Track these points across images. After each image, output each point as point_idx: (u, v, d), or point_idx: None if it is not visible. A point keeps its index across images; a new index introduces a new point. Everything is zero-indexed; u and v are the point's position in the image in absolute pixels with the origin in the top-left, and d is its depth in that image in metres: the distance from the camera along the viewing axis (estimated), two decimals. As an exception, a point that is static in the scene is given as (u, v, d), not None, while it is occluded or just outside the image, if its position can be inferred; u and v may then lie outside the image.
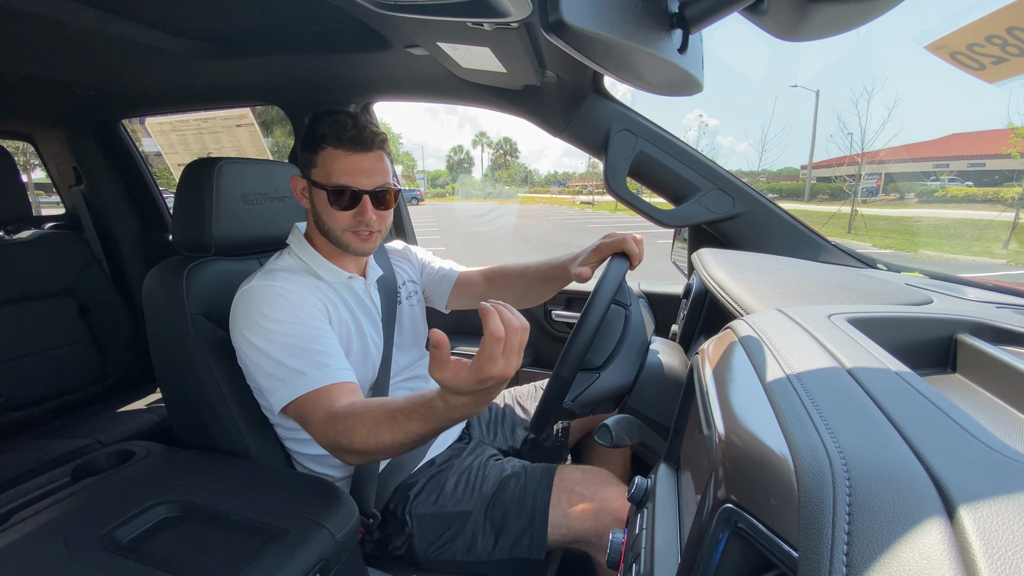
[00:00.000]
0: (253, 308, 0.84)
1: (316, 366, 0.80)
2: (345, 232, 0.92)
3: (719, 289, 0.82)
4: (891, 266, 1.07)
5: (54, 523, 0.73)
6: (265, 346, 0.81)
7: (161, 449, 0.95)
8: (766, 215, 1.15)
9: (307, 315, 0.85)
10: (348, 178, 0.89)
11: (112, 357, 1.85)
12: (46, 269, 1.71)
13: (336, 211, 0.91)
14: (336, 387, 0.79)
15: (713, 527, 0.34)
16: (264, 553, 0.66)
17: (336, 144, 0.88)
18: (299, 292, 0.87)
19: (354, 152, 0.89)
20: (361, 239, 0.93)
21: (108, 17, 1.02)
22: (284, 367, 0.80)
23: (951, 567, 0.21)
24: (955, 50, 0.57)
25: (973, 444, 0.29)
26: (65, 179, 2.10)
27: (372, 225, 0.92)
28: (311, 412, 0.78)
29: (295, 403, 0.79)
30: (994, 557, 0.21)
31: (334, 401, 0.77)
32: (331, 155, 0.89)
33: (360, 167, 0.89)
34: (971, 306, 0.70)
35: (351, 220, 0.91)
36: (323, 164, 0.90)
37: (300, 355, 0.80)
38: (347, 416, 0.73)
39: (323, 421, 0.76)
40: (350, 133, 0.88)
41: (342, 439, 0.72)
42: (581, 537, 0.84)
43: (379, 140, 0.91)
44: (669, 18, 0.48)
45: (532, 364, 1.63)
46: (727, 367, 0.49)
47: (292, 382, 0.79)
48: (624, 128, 1.16)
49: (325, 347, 0.83)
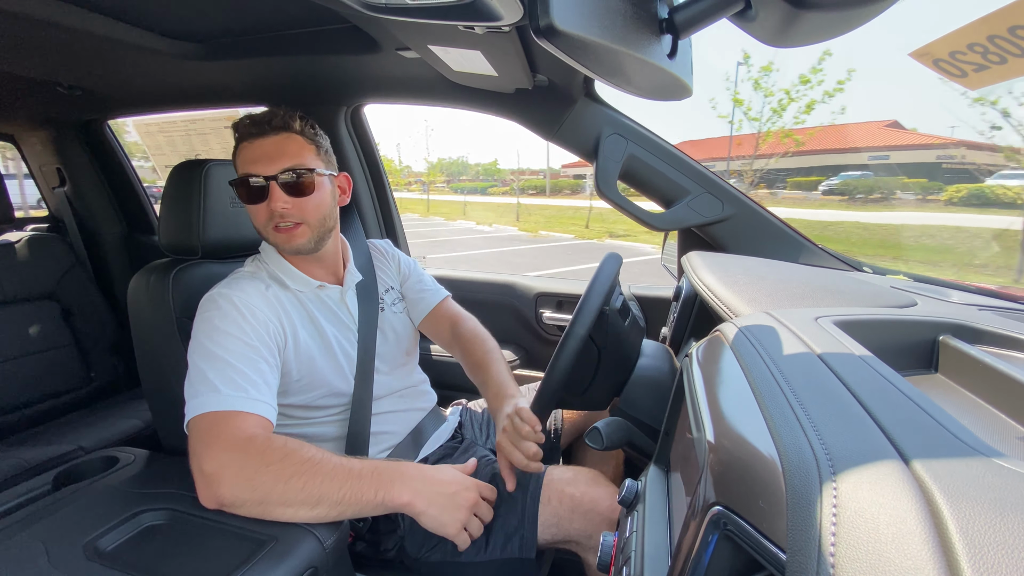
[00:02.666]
0: (205, 314, 0.82)
1: (235, 387, 0.75)
2: (267, 229, 0.88)
3: (708, 292, 0.82)
4: (876, 269, 1.09)
5: (35, 532, 0.71)
6: (199, 354, 0.78)
7: (146, 455, 0.93)
8: (755, 218, 1.16)
9: (251, 334, 0.81)
10: (250, 166, 0.85)
11: (96, 361, 1.82)
12: (29, 272, 1.68)
13: (250, 206, 0.87)
14: (248, 416, 0.74)
15: (703, 529, 0.34)
16: (251, 561, 0.65)
17: (239, 139, 0.88)
18: (254, 305, 0.83)
19: (254, 138, 0.86)
20: (284, 234, 0.87)
21: (94, 16, 1.01)
22: (204, 378, 0.75)
23: (935, 566, 0.21)
24: (938, 57, 0.58)
25: (956, 445, 0.30)
26: (49, 181, 2.06)
27: (289, 216, 0.85)
28: (216, 431, 0.72)
29: (200, 419, 0.73)
30: (976, 556, 0.21)
31: (244, 429, 0.73)
32: (239, 151, 0.88)
33: (261, 152, 0.85)
34: (954, 308, 0.71)
35: (267, 211, 0.86)
36: (236, 163, 0.88)
37: (224, 371, 0.76)
38: (269, 449, 0.71)
39: (230, 444, 0.71)
40: (247, 122, 0.86)
41: (244, 476, 0.69)
42: (571, 537, 0.84)
43: (279, 121, 0.86)
44: (659, 23, 0.49)
45: (523, 366, 1.63)
46: (716, 370, 0.49)
47: (204, 396, 0.74)
48: (614, 132, 1.17)
49: (254, 373, 0.78)
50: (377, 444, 0.98)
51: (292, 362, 0.88)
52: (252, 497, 0.69)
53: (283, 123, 0.86)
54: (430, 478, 0.78)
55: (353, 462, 0.75)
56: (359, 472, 0.74)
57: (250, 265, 0.94)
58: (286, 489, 0.69)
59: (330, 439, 0.95)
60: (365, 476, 0.73)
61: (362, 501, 0.72)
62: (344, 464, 0.74)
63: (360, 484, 0.72)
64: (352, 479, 0.72)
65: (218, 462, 0.70)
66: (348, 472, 0.73)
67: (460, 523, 0.76)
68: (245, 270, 0.92)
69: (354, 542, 0.92)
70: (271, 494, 0.69)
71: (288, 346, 0.87)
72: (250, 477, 0.69)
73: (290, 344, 0.87)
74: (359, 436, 0.95)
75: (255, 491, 0.69)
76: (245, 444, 0.71)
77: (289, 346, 0.87)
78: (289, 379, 0.88)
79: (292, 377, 0.88)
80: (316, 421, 0.95)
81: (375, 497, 0.73)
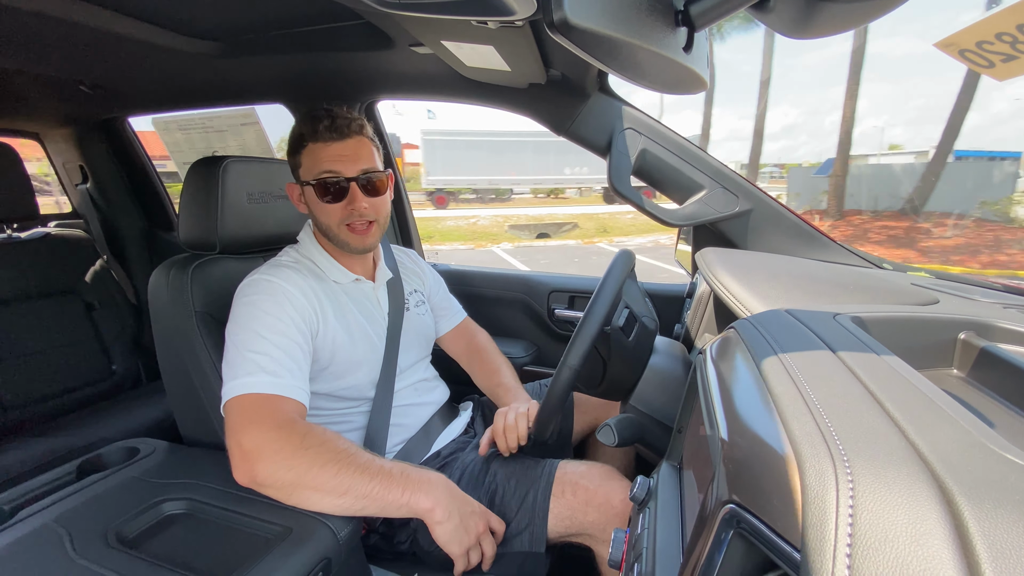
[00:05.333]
0: (246, 298, 0.84)
1: (275, 371, 0.78)
2: (341, 227, 0.92)
3: (723, 289, 0.81)
4: (896, 266, 1.07)
5: (59, 519, 0.74)
6: (240, 336, 0.80)
7: (166, 446, 0.96)
8: (771, 214, 1.14)
9: (289, 321, 0.83)
10: (330, 166, 0.89)
11: (117, 355, 1.86)
12: (52, 268, 1.72)
13: (327, 205, 0.90)
14: (287, 400, 0.77)
15: (715, 527, 0.34)
16: (267, 551, 0.67)
17: (314, 139, 0.89)
18: (293, 292, 0.86)
19: (332, 141, 0.89)
20: (357, 232, 0.92)
21: (117, 16, 1.03)
22: (244, 359, 0.78)
23: (955, 569, 0.21)
24: (964, 48, 0.56)
25: (977, 445, 0.29)
26: (71, 177, 2.11)
27: (366, 214, 0.91)
28: (257, 411, 0.74)
29: (242, 399, 0.76)
30: (999, 559, 0.21)
31: (285, 412, 0.76)
32: (311, 150, 0.90)
33: (340, 154, 0.89)
34: (978, 306, 0.69)
35: (343, 211, 0.90)
36: (306, 162, 0.91)
37: (265, 355, 0.78)
38: (309, 433, 0.74)
39: (272, 424, 0.73)
40: (324, 124, 0.89)
41: (283, 455, 0.71)
42: (584, 530, 0.84)
43: (355, 125, 0.91)
44: (674, 16, 0.48)
45: (535, 362, 1.63)
46: (730, 367, 0.48)
47: (244, 378, 0.76)
48: (628, 127, 1.16)
49: (291, 359, 0.81)
50: (393, 436, 0.99)
51: (322, 350, 0.90)
52: (286, 477, 0.71)
53: (359, 128, 0.92)
54: (453, 492, 0.80)
55: (383, 461, 0.77)
56: (388, 471, 0.75)
57: (288, 255, 0.97)
58: (320, 474, 0.71)
59: (350, 430, 0.97)
60: (395, 476, 0.75)
61: (387, 499, 0.74)
62: (376, 461, 0.76)
63: (389, 483, 0.74)
64: (382, 476, 0.74)
65: (259, 440, 0.72)
66: (379, 469, 0.75)
67: (466, 545, 0.78)
68: (284, 259, 0.95)
69: (367, 535, 0.93)
70: (304, 476, 0.71)
71: (320, 334, 0.90)
72: (288, 457, 0.71)
73: (321, 331, 0.90)
74: (379, 430, 0.97)
75: (291, 471, 0.71)
76: (288, 426, 0.74)
77: (320, 334, 0.90)
78: (318, 367, 0.90)
79: (321, 365, 0.90)
80: (339, 411, 0.97)
81: (400, 497, 0.74)
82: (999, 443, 0.29)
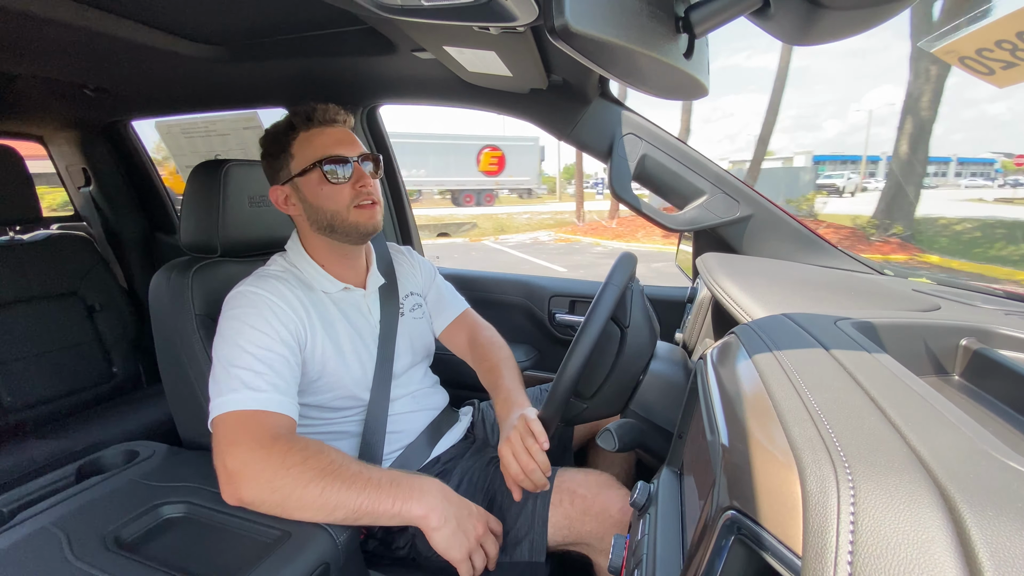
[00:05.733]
0: (231, 311, 0.83)
1: (260, 386, 0.77)
2: (351, 209, 0.90)
3: (724, 294, 0.81)
4: (898, 271, 1.06)
5: (58, 522, 0.73)
6: (224, 351, 0.79)
7: (165, 449, 0.95)
8: (772, 219, 1.15)
9: (276, 333, 0.82)
10: (334, 149, 0.89)
11: (118, 357, 1.86)
12: (54, 270, 1.73)
13: (334, 187, 0.89)
14: (272, 415, 0.76)
15: (716, 533, 0.34)
16: (265, 555, 0.66)
17: (308, 126, 0.90)
18: (279, 304, 0.85)
19: (326, 127, 0.90)
20: (367, 212, 0.92)
21: (121, 21, 1.03)
22: (229, 375, 0.77)
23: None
24: (964, 55, 0.56)
25: (979, 451, 0.29)
26: (74, 180, 2.12)
27: (373, 193, 0.92)
28: (240, 429, 0.73)
29: (225, 418, 0.75)
30: (1001, 568, 0.21)
31: (269, 428, 0.74)
32: (306, 138, 0.90)
33: (339, 138, 0.91)
34: (979, 313, 0.69)
35: (352, 191, 0.90)
36: (302, 150, 0.90)
37: (250, 369, 0.77)
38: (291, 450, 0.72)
39: (254, 443, 0.72)
40: (318, 113, 0.90)
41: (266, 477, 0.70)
42: (582, 539, 0.84)
43: (342, 116, 0.93)
44: (675, 22, 0.48)
45: (536, 367, 1.63)
46: (731, 372, 0.48)
47: (229, 394, 0.75)
48: (629, 132, 1.16)
49: (278, 373, 0.80)
50: (390, 444, 0.98)
51: (311, 362, 0.88)
52: (272, 499, 0.71)
53: (346, 118, 0.95)
54: (448, 496, 0.78)
55: (373, 471, 0.76)
56: (377, 482, 0.74)
57: (276, 264, 0.95)
58: (304, 494, 0.70)
59: (345, 438, 0.96)
60: (384, 486, 0.74)
61: (379, 511, 0.73)
62: (363, 472, 0.75)
63: (378, 494, 0.73)
64: (370, 488, 0.73)
65: (241, 461, 0.71)
66: (367, 481, 0.74)
67: (467, 549, 0.76)
68: (271, 269, 0.93)
69: (366, 540, 0.92)
70: (289, 498, 0.71)
71: (308, 346, 0.88)
72: (270, 479, 0.70)
73: (310, 344, 0.88)
74: (374, 437, 0.95)
75: (274, 493, 0.70)
76: (269, 444, 0.72)
77: (309, 346, 0.88)
78: (307, 379, 0.89)
79: (310, 377, 0.89)
80: (333, 421, 0.96)
81: (392, 507, 0.73)
82: (1001, 450, 0.29)
